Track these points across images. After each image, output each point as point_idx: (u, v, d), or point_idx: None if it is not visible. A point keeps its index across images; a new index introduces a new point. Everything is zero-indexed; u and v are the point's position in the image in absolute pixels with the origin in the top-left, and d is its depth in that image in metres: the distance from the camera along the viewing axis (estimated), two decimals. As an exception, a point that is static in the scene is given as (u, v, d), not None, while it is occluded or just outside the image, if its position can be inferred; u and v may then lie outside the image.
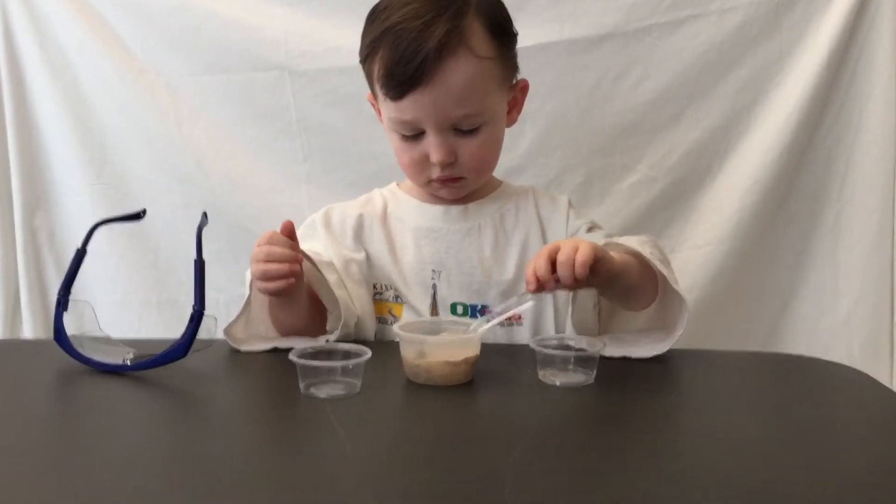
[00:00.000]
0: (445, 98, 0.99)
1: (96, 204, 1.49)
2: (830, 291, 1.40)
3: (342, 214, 1.14)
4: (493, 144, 1.08)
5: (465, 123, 1.03)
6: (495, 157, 1.11)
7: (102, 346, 0.90)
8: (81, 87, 1.48)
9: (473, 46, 1.00)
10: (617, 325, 1.06)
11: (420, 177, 1.08)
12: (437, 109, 1.00)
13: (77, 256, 0.92)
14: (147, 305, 1.52)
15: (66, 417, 0.80)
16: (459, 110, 1.01)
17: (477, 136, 1.04)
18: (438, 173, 1.06)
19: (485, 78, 1.02)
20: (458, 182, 1.08)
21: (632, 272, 0.95)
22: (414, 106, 1.00)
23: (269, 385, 0.86)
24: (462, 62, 0.99)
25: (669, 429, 0.75)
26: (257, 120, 1.46)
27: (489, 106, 1.04)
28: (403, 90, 0.99)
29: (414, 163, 1.06)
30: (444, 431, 0.75)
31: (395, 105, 1.02)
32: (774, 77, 1.37)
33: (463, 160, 1.05)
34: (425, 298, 1.09)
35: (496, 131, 1.08)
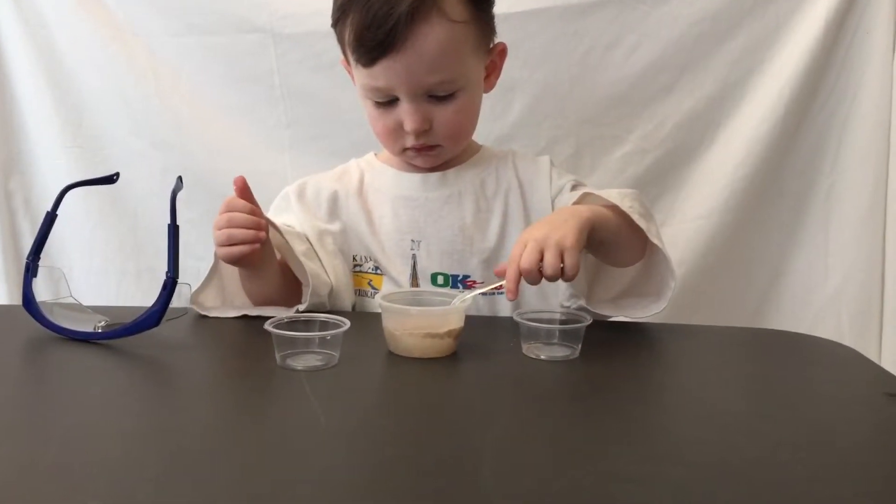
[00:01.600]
0: (418, 64, 0.96)
1: (73, 168, 1.45)
2: (821, 266, 1.38)
3: (316, 187, 1.12)
4: (469, 111, 1.05)
5: (440, 90, 1.00)
6: (472, 123, 1.08)
7: (73, 314, 0.88)
8: (57, 47, 1.43)
9: (446, 10, 0.96)
10: (603, 284, 1.04)
11: (395, 145, 1.06)
12: (410, 76, 0.97)
13: (47, 220, 0.89)
14: (125, 273, 1.49)
15: (33, 386, 0.77)
16: (433, 76, 0.98)
17: (452, 102, 1.01)
18: (413, 141, 1.03)
19: (459, 42, 0.98)
20: (433, 150, 1.05)
21: (610, 225, 0.93)
22: (386, 72, 0.97)
23: (245, 356, 0.84)
24: (435, 26, 0.95)
25: (654, 404, 0.73)
26: (239, 84, 1.43)
27: (464, 71, 1.01)
28: (374, 56, 0.96)
29: (388, 131, 1.03)
30: (422, 404, 0.72)
31: (366, 71, 0.98)
32: (770, 47, 1.34)
33: (438, 127, 1.02)
34: (405, 269, 1.07)
35: (472, 97, 1.05)
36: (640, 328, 0.98)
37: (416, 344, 0.81)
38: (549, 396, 0.75)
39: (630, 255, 0.99)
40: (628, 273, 1.04)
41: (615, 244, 0.96)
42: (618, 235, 0.94)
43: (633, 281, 1.04)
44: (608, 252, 0.99)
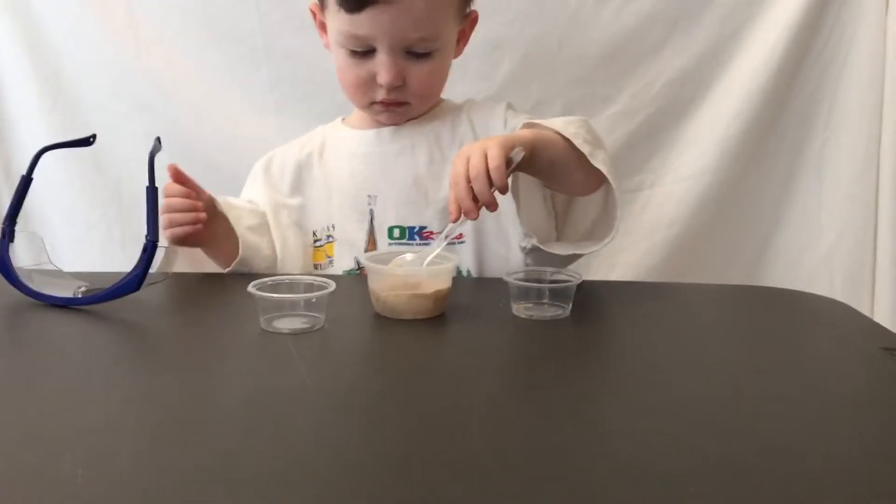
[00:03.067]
0: (405, 18, 0.96)
1: (53, 134, 1.41)
2: (813, 224, 1.37)
3: (282, 160, 1.14)
4: (441, 72, 1.06)
5: (420, 47, 1.00)
6: (441, 85, 1.08)
7: (53, 280, 0.86)
8: (33, 10, 1.39)
9: None
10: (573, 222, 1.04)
11: (363, 97, 1.05)
12: (395, 28, 0.97)
13: (21, 184, 0.87)
14: (110, 241, 1.46)
15: (11, 352, 0.75)
16: (416, 32, 0.98)
17: (428, 61, 1.01)
18: (384, 95, 1.02)
19: (445, 3, 1.00)
20: (401, 107, 1.05)
21: (555, 148, 0.92)
22: (370, 21, 0.96)
23: (229, 319, 0.82)
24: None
25: (646, 361, 0.71)
26: (221, 45, 1.39)
27: (444, 32, 1.01)
28: (362, 3, 0.95)
29: (360, 81, 1.03)
30: (410, 366, 0.71)
31: (349, 18, 0.97)
32: (762, 2, 1.31)
33: (410, 85, 1.02)
34: (363, 225, 1.06)
35: (446, 60, 1.05)
36: (631, 287, 0.97)
37: (403, 304, 0.80)
38: (539, 355, 0.74)
39: (584, 181, 0.98)
40: (594, 208, 1.03)
41: (563, 169, 0.95)
42: (565, 160, 0.93)
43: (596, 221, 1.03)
44: (559, 177, 0.98)
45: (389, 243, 1.05)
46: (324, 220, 1.09)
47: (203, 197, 1.01)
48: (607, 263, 1.40)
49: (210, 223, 0.99)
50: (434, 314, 0.81)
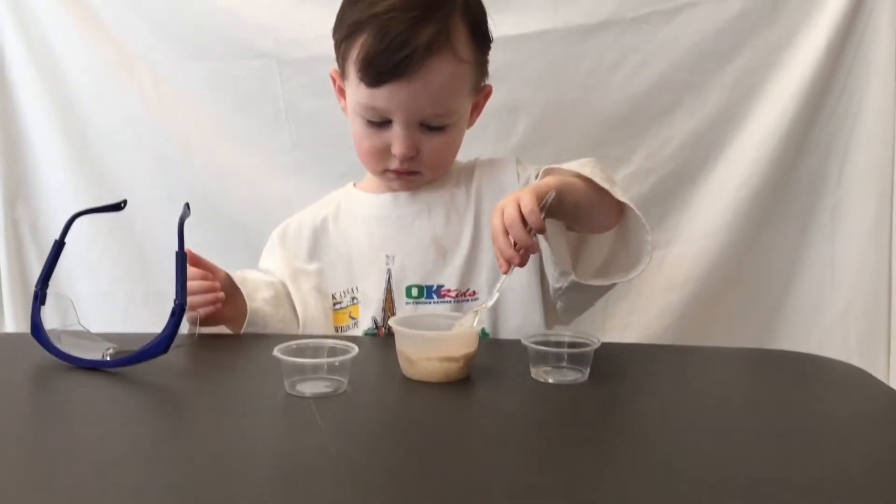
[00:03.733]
0: (422, 94, 1.00)
1: (79, 193, 1.46)
2: (827, 285, 1.38)
3: (298, 226, 1.17)
4: (454, 144, 1.09)
5: (434, 121, 1.03)
6: (454, 155, 1.12)
7: (82, 342, 0.88)
8: (63, 74, 1.44)
9: (457, 49, 1.00)
10: (586, 257, 1.06)
11: (377, 165, 1.08)
12: (412, 104, 1.01)
13: (55, 249, 0.90)
14: (132, 297, 1.48)
15: (43, 414, 0.77)
16: (432, 108, 1.02)
17: (441, 134, 1.05)
18: (397, 165, 1.06)
19: (461, 80, 1.04)
20: (413, 176, 1.09)
21: (578, 190, 0.94)
22: (389, 96, 1.00)
23: (254, 382, 0.84)
24: (445, 63, 0.99)
25: (661, 427, 0.72)
26: (244, 108, 1.43)
27: (458, 107, 1.05)
28: (383, 79, 0.99)
29: (375, 150, 1.06)
30: (432, 430, 0.72)
31: (368, 91, 1.01)
32: (772, 67, 1.34)
33: (423, 156, 1.06)
34: (380, 284, 1.08)
35: (459, 132, 1.09)
36: (648, 350, 0.98)
37: (433, 368, 0.81)
38: (558, 421, 0.75)
39: (605, 218, 1.01)
40: (606, 243, 1.05)
41: (588, 209, 0.97)
42: (589, 200, 0.96)
43: (614, 249, 1.05)
44: (584, 218, 1.00)
45: (407, 302, 1.07)
46: (344, 283, 1.11)
47: (219, 276, 1.03)
48: (623, 323, 1.41)
49: (229, 301, 1.02)
50: (461, 377, 0.82)
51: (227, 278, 1.04)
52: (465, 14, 1.02)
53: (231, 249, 1.44)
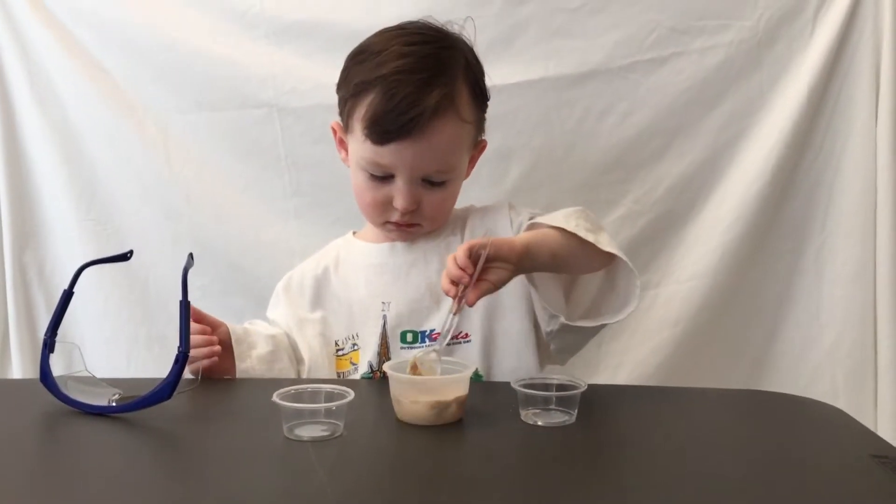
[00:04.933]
0: (426, 153, 1.04)
1: (86, 240, 1.50)
2: (814, 324, 1.41)
3: (301, 277, 1.20)
4: (452, 197, 1.14)
5: (436, 177, 1.08)
6: (452, 208, 1.16)
7: (88, 388, 0.91)
8: (71, 123, 1.49)
9: (461, 111, 1.05)
10: (574, 299, 1.09)
11: (378, 217, 1.12)
12: (416, 162, 1.05)
13: (64, 298, 0.93)
14: (136, 342, 1.52)
15: (50, 459, 0.80)
16: (435, 166, 1.06)
17: (442, 189, 1.09)
18: (398, 217, 1.10)
19: (462, 139, 1.08)
20: (413, 227, 1.12)
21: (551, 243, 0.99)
22: (394, 154, 1.04)
23: (254, 426, 0.86)
24: (449, 124, 1.04)
25: (646, 470, 0.75)
26: (245, 156, 1.48)
27: (458, 164, 1.10)
28: (389, 138, 1.03)
29: (376, 203, 1.10)
30: (424, 472, 0.75)
31: (374, 148, 1.05)
32: (756, 113, 1.39)
33: (424, 209, 1.10)
34: (376, 329, 1.12)
35: (457, 185, 1.13)
36: (635, 392, 1.01)
37: (424, 412, 0.84)
38: (547, 464, 0.77)
39: (590, 265, 1.05)
40: (593, 286, 1.09)
41: (567, 258, 1.01)
42: (568, 251, 1.00)
43: (601, 291, 1.09)
44: (565, 266, 1.04)
45: (402, 347, 1.10)
46: (345, 330, 1.14)
47: (219, 331, 1.07)
48: (615, 362, 1.44)
49: (227, 355, 1.06)
50: (452, 420, 0.85)
51: (226, 333, 1.08)
52: (467, 76, 1.07)
53: (232, 293, 1.48)
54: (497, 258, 0.92)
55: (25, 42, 1.48)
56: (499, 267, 0.93)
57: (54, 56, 1.47)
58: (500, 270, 0.93)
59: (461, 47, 1.11)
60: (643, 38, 1.38)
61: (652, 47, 1.39)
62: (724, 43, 1.37)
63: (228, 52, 1.45)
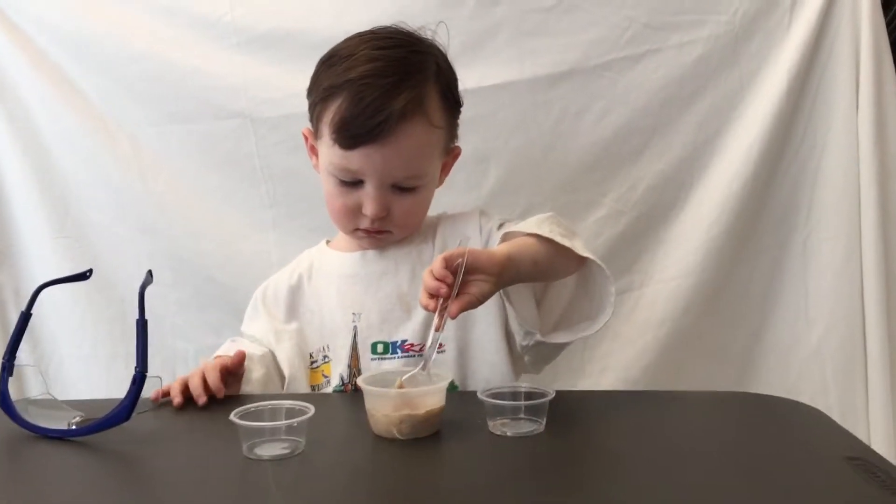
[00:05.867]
0: (395, 158, 1.02)
1: (61, 257, 1.48)
2: (802, 320, 1.39)
3: (275, 289, 1.18)
4: (424, 204, 1.11)
5: (406, 183, 1.05)
6: (423, 215, 1.14)
7: (49, 411, 0.89)
8: (42, 139, 1.48)
9: (430, 115, 1.03)
10: (547, 308, 1.07)
11: (348, 224, 1.10)
12: (385, 167, 1.03)
13: (21, 320, 0.91)
14: (114, 358, 1.50)
15: (7, 485, 0.79)
16: (404, 171, 1.04)
17: (412, 195, 1.07)
18: (367, 224, 1.08)
19: (432, 145, 1.06)
20: (382, 234, 1.10)
21: (531, 251, 0.97)
22: (362, 159, 1.02)
23: (213, 447, 0.84)
24: (418, 128, 1.02)
25: (614, 477, 0.73)
26: (220, 168, 1.46)
27: (429, 170, 1.07)
28: (357, 142, 1.01)
29: (346, 209, 1.08)
30: (389, 489, 0.73)
31: (342, 153, 1.03)
32: (736, 108, 1.37)
33: (394, 216, 1.07)
34: (347, 342, 1.09)
35: (429, 192, 1.11)
36: (609, 397, 0.99)
37: (395, 425, 0.82)
38: (515, 474, 0.75)
39: (567, 269, 1.03)
40: (565, 294, 1.07)
41: (547, 264, 0.99)
42: (547, 257, 0.98)
43: (575, 298, 1.06)
44: (546, 273, 1.02)
45: (373, 358, 1.08)
46: (317, 342, 1.13)
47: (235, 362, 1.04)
48: (600, 366, 1.42)
49: (234, 381, 1.05)
50: (427, 434, 0.83)
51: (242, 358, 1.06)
52: (438, 81, 1.05)
53: (210, 307, 1.46)
54: (476, 269, 0.89)
55: (-8, 59, 1.47)
56: (480, 280, 0.90)
57: (23, 71, 1.46)
58: (482, 283, 0.90)
59: (433, 52, 1.09)
60: (618, 36, 1.37)
61: (627, 45, 1.37)
62: (701, 38, 1.36)
63: (199, 62, 1.43)
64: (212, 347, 1.42)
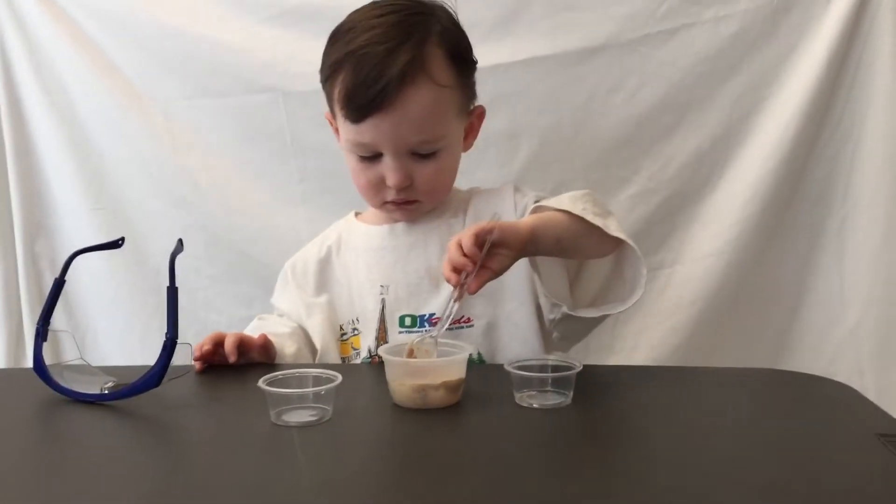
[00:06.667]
0: (405, 124, 1.01)
1: (96, 229, 1.50)
2: (837, 301, 1.37)
3: (304, 262, 1.18)
4: (448, 169, 1.10)
5: (423, 148, 1.04)
6: (451, 180, 1.12)
7: (82, 376, 0.91)
8: (78, 113, 1.49)
9: (434, 75, 1.01)
10: (581, 287, 1.07)
11: (375, 198, 1.10)
12: (396, 134, 1.02)
13: (55, 286, 0.93)
14: (148, 330, 1.52)
15: (42, 447, 0.81)
16: (417, 136, 1.03)
17: (433, 160, 1.05)
18: (394, 195, 1.07)
19: (443, 105, 1.04)
20: (412, 204, 1.09)
21: (558, 227, 0.96)
22: (373, 130, 1.01)
23: (242, 413, 0.85)
24: (422, 90, 1.00)
25: (641, 451, 0.73)
26: (252, 142, 1.47)
27: (446, 132, 1.06)
28: (363, 114, 1.00)
29: (370, 184, 1.08)
30: (415, 456, 0.74)
31: (354, 127, 1.03)
32: (772, 84, 1.34)
33: (418, 184, 1.06)
34: (375, 315, 1.10)
35: (452, 156, 1.09)
36: (634, 372, 0.98)
37: (410, 395, 0.83)
38: (540, 445, 0.75)
39: (597, 249, 1.02)
40: (602, 272, 1.06)
41: (573, 242, 0.98)
42: (573, 234, 0.97)
43: (609, 279, 1.06)
44: (570, 251, 1.01)
45: (400, 331, 1.08)
46: (347, 314, 1.13)
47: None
48: (631, 344, 1.41)
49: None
50: (449, 403, 0.83)
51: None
52: (443, 39, 1.03)
53: (241, 280, 1.48)
54: (501, 244, 0.89)
55: (31, 35, 1.48)
56: (501, 254, 0.90)
57: (59, 46, 1.47)
58: (503, 257, 0.91)
59: (435, 13, 1.06)
60: (653, 10, 1.34)
61: (662, 19, 1.34)
62: (739, 11, 1.33)
63: (232, 37, 1.43)
64: (243, 319, 1.44)
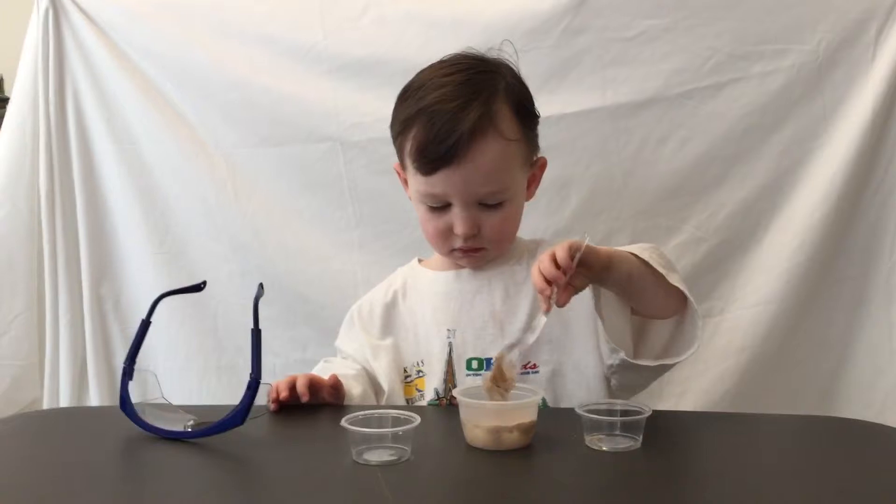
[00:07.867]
0: (474, 176, 1.06)
1: (159, 273, 1.56)
2: (886, 350, 1.38)
3: (370, 306, 1.22)
4: (513, 218, 1.14)
5: (490, 199, 1.09)
6: (515, 229, 1.16)
7: (164, 414, 0.94)
8: (145, 160, 1.55)
9: (502, 129, 1.07)
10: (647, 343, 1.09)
11: (444, 246, 1.14)
12: (466, 186, 1.07)
13: (142, 327, 0.97)
14: (206, 371, 1.56)
15: (130, 483, 0.84)
16: (486, 187, 1.07)
17: (500, 210, 1.10)
18: (461, 243, 1.11)
19: (510, 158, 1.09)
20: (478, 252, 1.13)
21: (631, 265, 0.99)
22: (444, 182, 1.06)
23: (323, 451, 0.89)
24: (491, 144, 1.05)
25: (715, 495, 0.75)
26: (310, 189, 1.52)
27: (512, 183, 1.10)
28: (435, 167, 1.05)
29: (439, 233, 1.12)
30: (492, 498, 0.76)
31: (425, 179, 1.08)
32: (819, 137, 1.37)
33: (485, 232, 1.11)
34: (442, 357, 1.13)
35: (517, 206, 1.14)
36: (700, 418, 1.00)
37: (484, 437, 0.86)
38: (611, 489, 0.78)
39: (661, 300, 1.04)
40: (666, 330, 1.08)
41: (640, 283, 1.01)
42: (642, 275, 1.00)
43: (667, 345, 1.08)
44: (638, 292, 1.04)
45: (468, 374, 1.11)
46: (412, 357, 1.16)
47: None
48: (679, 390, 1.43)
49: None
50: (522, 445, 0.86)
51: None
52: (508, 95, 1.09)
53: (299, 323, 1.52)
54: (582, 263, 0.93)
55: (102, 86, 1.55)
56: (581, 273, 0.94)
57: (129, 97, 1.54)
58: (583, 277, 0.94)
59: (500, 70, 1.13)
60: (700, 65, 1.39)
61: (710, 74, 1.39)
62: (784, 67, 1.37)
63: (293, 88, 1.50)
64: (298, 362, 1.48)
